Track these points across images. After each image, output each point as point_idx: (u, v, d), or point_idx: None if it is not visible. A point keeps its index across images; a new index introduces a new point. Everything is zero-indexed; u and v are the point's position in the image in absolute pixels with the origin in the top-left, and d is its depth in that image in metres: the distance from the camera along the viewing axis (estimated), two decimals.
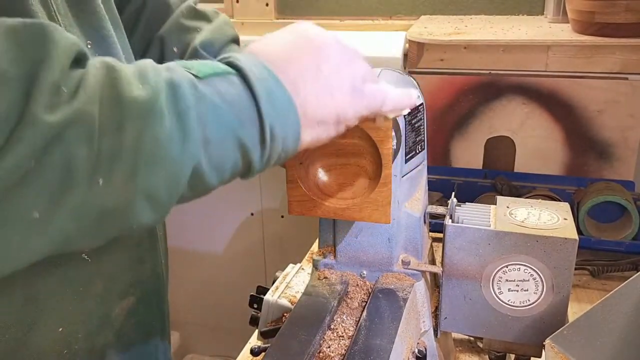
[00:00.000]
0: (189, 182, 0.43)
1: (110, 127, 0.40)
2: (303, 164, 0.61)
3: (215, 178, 0.45)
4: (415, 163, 0.73)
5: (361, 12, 1.58)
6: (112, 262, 0.65)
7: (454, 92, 1.32)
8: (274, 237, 1.85)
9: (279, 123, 0.46)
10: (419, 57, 1.33)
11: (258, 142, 0.46)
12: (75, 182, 0.39)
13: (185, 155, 0.42)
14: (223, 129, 0.44)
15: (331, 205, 0.61)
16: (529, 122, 1.30)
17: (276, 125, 0.46)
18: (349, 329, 0.62)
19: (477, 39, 1.26)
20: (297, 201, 0.62)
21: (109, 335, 0.66)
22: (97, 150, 0.39)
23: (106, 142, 0.39)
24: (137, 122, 0.40)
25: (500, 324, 0.70)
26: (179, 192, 0.43)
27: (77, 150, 0.39)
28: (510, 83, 1.28)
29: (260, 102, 0.45)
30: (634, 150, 1.26)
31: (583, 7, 1.19)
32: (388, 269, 0.70)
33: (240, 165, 0.46)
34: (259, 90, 0.45)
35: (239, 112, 0.44)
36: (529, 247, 0.66)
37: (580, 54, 1.23)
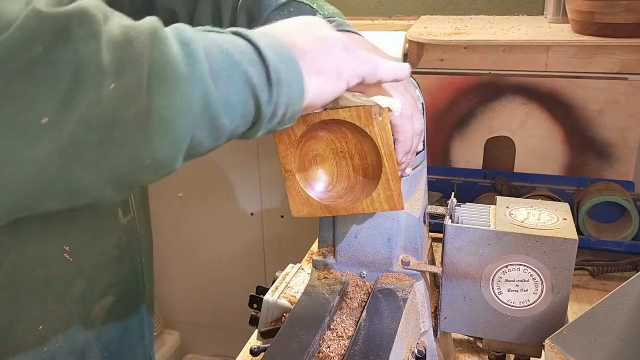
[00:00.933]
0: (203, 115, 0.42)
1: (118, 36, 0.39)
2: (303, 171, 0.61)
3: (227, 116, 0.44)
4: (415, 163, 0.73)
5: (361, 12, 1.58)
6: (92, 262, 0.65)
7: (454, 93, 1.32)
8: (274, 238, 1.85)
9: (283, 67, 0.47)
10: (419, 57, 1.33)
11: (265, 81, 0.46)
12: (85, 83, 0.38)
13: (195, 79, 0.41)
14: (230, 64, 0.44)
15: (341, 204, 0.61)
16: (529, 122, 1.30)
17: (280, 69, 0.46)
18: (349, 329, 0.62)
19: (477, 39, 1.26)
20: (300, 204, 0.62)
21: (89, 335, 0.67)
22: (107, 52, 0.38)
23: (114, 46, 0.39)
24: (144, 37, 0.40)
25: (500, 325, 0.70)
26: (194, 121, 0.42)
27: (85, 47, 0.38)
28: (511, 83, 1.28)
29: (261, 48, 0.46)
30: (634, 150, 1.26)
31: (583, 8, 1.19)
32: (388, 269, 0.69)
33: (250, 106, 0.45)
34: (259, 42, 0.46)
35: (242, 53, 0.45)
36: (529, 247, 0.66)
37: (580, 54, 1.23)
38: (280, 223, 1.82)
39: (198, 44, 0.42)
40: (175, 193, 1.88)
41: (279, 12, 0.74)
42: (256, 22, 0.76)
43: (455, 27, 1.35)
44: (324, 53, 0.51)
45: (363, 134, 0.58)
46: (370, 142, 0.58)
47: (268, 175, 1.76)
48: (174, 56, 0.40)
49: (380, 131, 0.57)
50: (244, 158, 1.76)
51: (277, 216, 1.81)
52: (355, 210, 0.61)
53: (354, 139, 0.59)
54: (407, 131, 0.62)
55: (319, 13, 0.73)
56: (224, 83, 0.43)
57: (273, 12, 0.74)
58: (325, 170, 0.62)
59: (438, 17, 1.51)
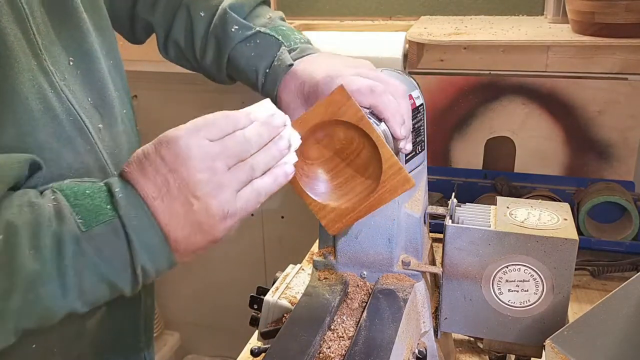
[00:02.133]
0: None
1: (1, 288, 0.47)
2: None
3: (87, 309, 0.53)
4: (416, 163, 0.73)
5: (361, 13, 1.58)
6: None
7: (454, 93, 1.32)
8: (274, 238, 1.85)
9: (152, 263, 0.52)
10: (419, 57, 1.33)
11: (129, 282, 0.53)
12: None
13: (64, 307, 0.50)
14: (97, 280, 0.51)
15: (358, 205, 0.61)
16: (529, 122, 1.30)
17: (148, 265, 0.52)
18: (349, 330, 0.62)
19: (477, 39, 1.26)
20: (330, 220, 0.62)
21: (83, 346, 0.67)
22: None
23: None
24: (25, 286, 0.48)
25: (501, 325, 0.70)
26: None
27: None
28: (510, 83, 1.28)
29: (135, 253, 0.51)
30: (634, 150, 1.26)
31: (583, 8, 1.19)
32: (388, 269, 0.70)
33: (111, 295, 0.53)
34: (135, 242, 0.51)
35: (113, 264, 0.51)
36: (529, 247, 0.66)
37: (580, 54, 1.23)
38: (280, 223, 1.82)
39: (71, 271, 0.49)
40: None
41: (245, 44, 0.77)
42: (223, 51, 0.79)
43: (455, 27, 1.35)
44: (198, 240, 0.54)
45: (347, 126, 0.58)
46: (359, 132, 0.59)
47: None
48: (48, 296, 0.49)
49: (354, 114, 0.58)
50: None
51: (277, 216, 1.81)
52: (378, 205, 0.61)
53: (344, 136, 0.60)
54: (388, 104, 0.62)
55: (283, 45, 0.76)
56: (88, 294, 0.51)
57: (239, 43, 0.77)
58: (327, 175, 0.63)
59: (438, 17, 1.52)
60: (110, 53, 0.72)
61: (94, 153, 0.65)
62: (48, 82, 0.59)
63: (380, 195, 0.60)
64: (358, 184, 0.62)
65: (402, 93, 0.66)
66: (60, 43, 0.63)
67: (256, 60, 0.76)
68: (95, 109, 0.67)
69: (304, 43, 0.77)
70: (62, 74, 0.62)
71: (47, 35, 0.61)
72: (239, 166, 0.54)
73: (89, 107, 0.66)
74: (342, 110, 0.58)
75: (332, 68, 0.69)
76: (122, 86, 0.75)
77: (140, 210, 0.51)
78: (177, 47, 0.84)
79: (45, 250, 0.48)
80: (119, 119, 0.71)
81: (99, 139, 0.66)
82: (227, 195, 0.53)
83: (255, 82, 0.77)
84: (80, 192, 0.52)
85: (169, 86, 1.72)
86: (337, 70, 0.68)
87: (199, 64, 0.84)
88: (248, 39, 0.77)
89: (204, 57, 0.81)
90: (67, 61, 0.63)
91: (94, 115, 0.66)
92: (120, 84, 0.74)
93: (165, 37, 0.84)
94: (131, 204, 0.51)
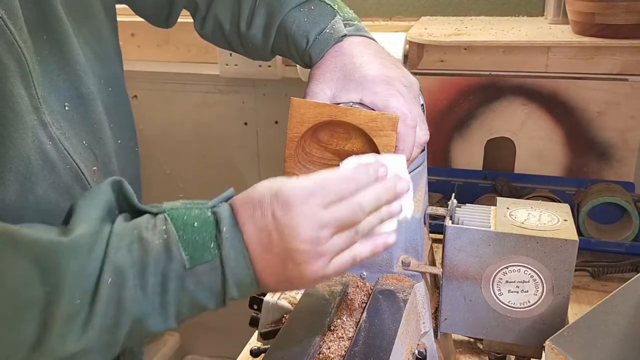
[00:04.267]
0: None
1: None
2: None
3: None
4: (415, 164, 0.73)
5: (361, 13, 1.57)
6: None
7: (454, 93, 1.32)
8: None
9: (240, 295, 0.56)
10: (419, 58, 1.33)
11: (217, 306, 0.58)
12: None
13: (163, 329, 0.56)
14: (193, 306, 0.56)
15: None
16: (529, 123, 1.30)
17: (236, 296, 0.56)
18: (349, 330, 0.62)
19: (477, 40, 1.25)
20: None
21: None
22: None
23: None
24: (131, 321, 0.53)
25: (501, 325, 0.70)
26: None
27: None
28: (511, 84, 1.28)
29: (227, 289, 0.55)
30: (634, 151, 1.26)
31: (583, 8, 1.19)
32: (388, 270, 0.69)
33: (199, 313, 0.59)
34: (230, 281, 0.55)
35: (208, 294, 0.56)
36: (529, 248, 0.66)
37: (581, 55, 1.23)
38: None
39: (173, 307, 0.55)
40: (175, 194, 1.88)
41: (299, 9, 0.75)
42: (275, 17, 0.76)
43: (455, 28, 1.35)
44: (287, 285, 0.57)
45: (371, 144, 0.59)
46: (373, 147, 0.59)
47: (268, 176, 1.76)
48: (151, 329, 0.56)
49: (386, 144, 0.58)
50: (244, 158, 1.76)
51: None
52: None
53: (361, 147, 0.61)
54: (408, 140, 0.63)
55: (338, 14, 0.74)
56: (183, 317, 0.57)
57: (293, 9, 0.75)
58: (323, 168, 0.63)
59: (438, 17, 1.51)
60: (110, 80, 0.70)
61: None
62: (47, 134, 0.58)
63: None
64: None
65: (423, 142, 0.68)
66: (57, 90, 0.61)
67: (308, 26, 0.73)
68: (90, 150, 0.65)
69: (359, 21, 0.76)
70: (58, 122, 0.61)
71: (44, 86, 0.59)
72: (344, 233, 0.54)
73: (83, 151, 0.64)
74: (381, 134, 0.59)
75: (386, 72, 0.68)
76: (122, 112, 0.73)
77: (240, 255, 0.54)
78: (216, 20, 0.82)
79: (150, 288, 0.53)
80: (113, 158, 0.70)
81: (93, 182, 0.64)
82: (323, 262, 0.54)
83: (302, 48, 0.74)
84: (190, 224, 0.54)
85: (169, 86, 1.72)
86: (390, 76, 0.67)
87: (240, 36, 0.81)
88: (302, 5, 0.75)
89: (251, 26, 0.79)
90: (62, 107, 0.62)
91: (88, 157, 0.65)
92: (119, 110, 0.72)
93: (206, 11, 0.83)
94: (234, 247, 0.54)
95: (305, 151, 0.62)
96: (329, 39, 0.72)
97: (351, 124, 0.59)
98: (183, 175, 1.86)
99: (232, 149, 1.75)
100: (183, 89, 1.71)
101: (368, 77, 0.66)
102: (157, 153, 1.85)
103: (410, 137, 0.63)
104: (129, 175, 0.72)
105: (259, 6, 0.78)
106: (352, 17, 0.76)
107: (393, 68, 0.69)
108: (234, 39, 0.83)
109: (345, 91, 0.67)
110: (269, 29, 0.78)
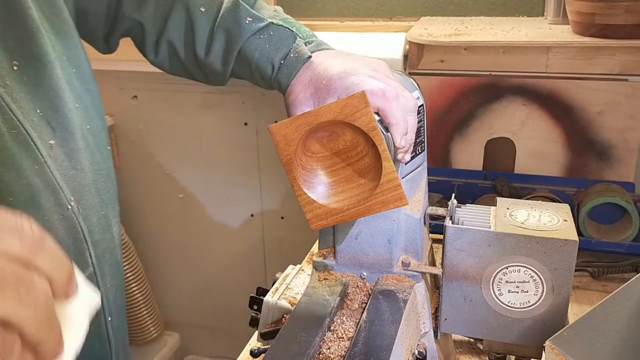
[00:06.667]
0: None
1: None
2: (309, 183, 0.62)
3: None
4: (416, 164, 0.73)
5: (361, 14, 1.58)
6: None
7: (454, 94, 1.32)
8: (274, 239, 1.85)
9: None
10: (419, 58, 1.33)
11: None
12: None
13: None
14: None
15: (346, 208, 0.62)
16: (529, 123, 1.30)
17: None
18: (349, 331, 0.62)
19: (477, 40, 1.26)
20: (315, 215, 0.62)
21: None
22: None
23: None
24: None
25: (501, 326, 0.70)
26: None
27: None
28: (511, 84, 1.28)
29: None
30: (634, 151, 1.26)
31: (583, 9, 1.19)
32: (388, 270, 0.69)
33: None
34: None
35: None
36: (529, 248, 0.66)
37: (580, 55, 1.23)
38: (280, 224, 1.82)
39: None
40: (175, 194, 1.88)
41: (258, 35, 0.75)
42: (235, 43, 0.75)
43: (456, 28, 1.35)
44: None
45: (356, 130, 0.58)
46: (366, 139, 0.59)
47: (268, 176, 1.76)
48: None
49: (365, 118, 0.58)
50: (244, 159, 1.76)
51: (277, 217, 1.81)
52: (367, 213, 0.61)
53: (351, 138, 0.60)
54: (395, 111, 0.62)
55: (298, 37, 0.75)
56: None
57: (253, 35, 0.75)
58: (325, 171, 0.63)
59: (438, 18, 1.51)
60: (74, 60, 0.66)
61: (42, 174, 0.58)
62: None
63: (370, 205, 0.61)
64: (354, 186, 0.62)
65: (412, 106, 0.65)
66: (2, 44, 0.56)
67: (271, 52, 0.74)
68: (47, 122, 0.60)
69: (316, 37, 0.77)
70: (2, 79, 0.55)
71: None
72: None
73: (38, 120, 0.58)
74: (357, 116, 0.58)
75: (349, 65, 0.68)
76: (90, 99, 0.69)
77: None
78: (170, 46, 0.80)
79: None
80: (77, 135, 0.64)
81: (49, 157, 0.59)
82: None
83: (269, 76, 0.75)
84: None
85: (169, 86, 1.72)
86: (353, 68, 0.67)
87: (198, 62, 0.80)
88: (261, 31, 0.75)
89: (209, 53, 0.78)
90: (9, 65, 0.56)
91: (43, 128, 0.59)
92: (86, 95, 0.68)
93: (157, 36, 0.80)
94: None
95: (307, 169, 0.63)
96: (295, 63, 0.72)
97: (329, 122, 0.59)
98: (183, 175, 1.86)
99: (232, 149, 1.75)
100: (183, 89, 1.71)
101: (334, 77, 0.67)
102: (157, 153, 1.85)
103: (395, 107, 0.62)
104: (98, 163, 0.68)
105: (217, 32, 0.77)
106: (309, 34, 0.77)
107: (355, 61, 0.70)
108: (192, 65, 0.81)
109: (322, 100, 0.68)
110: (228, 55, 0.77)
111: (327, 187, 0.63)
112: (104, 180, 0.68)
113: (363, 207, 0.61)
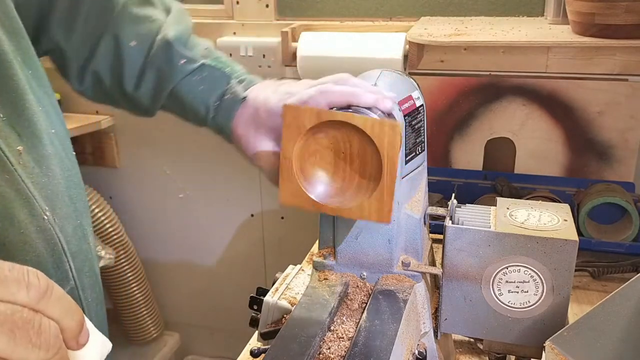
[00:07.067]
0: None
1: None
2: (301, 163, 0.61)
3: None
4: (416, 164, 0.73)
5: (361, 14, 1.58)
6: None
7: (454, 94, 1.32)
8: (274, 239, 1.85)
9: None
10: (419, 58, 1.33)
11: None
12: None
13: None
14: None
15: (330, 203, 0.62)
16: (529, 123, 1.30)
17: None
18: (349, 331, 0.62)
19: (477, 40, 1.26)
20: (290, 192, 0.62)
21: None
22: None
23: None
24: None
25: (501, 326, 0.70)
26: None
27: None
28: (511, 84, 1.28)
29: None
30: (634, 151, 1.26)
31: (583, 9, 1.19)
32: (388, 270, 0.69)
33: None
34: None
35: None
36: (529, 248, 0.66)
37: (581, 55, 1.23)
38: (280, 224, 1.82)
39: None
40: (175, 194, 1.88)
41: (191, 77, 0.74)
42: (166, 83, 0.74)
43: (455, 28, 1.35)
44: None
45: (370, 142, 0.58)
46: (374, 151, 0.59)
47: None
48: None
49: (389, 145, 0.57)
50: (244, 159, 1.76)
51: (277, 217, 1.81)
52: (343, 213, 0.62)
53: (359, 145, 0.60)
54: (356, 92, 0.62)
55: (232, 78, 0.74)
56: None
57: (186, 77, 0.74)
58: (322, 167, 0.63)
59: (438, 18, 1.51)
60: (28, 61, 0.63)
61: (13, 182, 0.55)
62: None
63: (350, 209, 0.61)
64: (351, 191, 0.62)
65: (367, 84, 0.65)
66: None
67: (205, 94, 0.73)
68: (11, 127, 0.56)
69: (248, 73, 0.77)
70: None
71: None
72: None
73: (2, 125, 0.55)
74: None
75: (287, 89, 0.68)
76: (49, 102, 0.65)
77: None
78: (96, 77, 0.76)
79: None
80: (45, 140, 0.61)
81: (19, 165, 0.55)
82: None
83: (204, 116, 0.74)
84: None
85: None
86: (292, 90, 0.67)
87: (125, 96, 0.77)
88: (194, 72, 0.74)
89: (138, 88, 0.76)
90: None
91: (9, 134, 0.55)
92: (46, 98, 0.64)
93: (82, 66, 0.76)
94: None
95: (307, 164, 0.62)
96: (233, 104, 0.72)
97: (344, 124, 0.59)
98: (183, 175, 1.86)
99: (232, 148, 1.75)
100: None
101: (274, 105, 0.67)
102: (157, 153, 1.85)
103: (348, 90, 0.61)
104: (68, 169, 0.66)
105: (148, 68, 0.75)
106: (241, 71, 0.76)
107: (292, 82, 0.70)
108: (117, 96, 0.79)
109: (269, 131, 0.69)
110: (158, 93, 0.75)
111: (327, 187, 0.63)
112: (75, 187, 0.66)
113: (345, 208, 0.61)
